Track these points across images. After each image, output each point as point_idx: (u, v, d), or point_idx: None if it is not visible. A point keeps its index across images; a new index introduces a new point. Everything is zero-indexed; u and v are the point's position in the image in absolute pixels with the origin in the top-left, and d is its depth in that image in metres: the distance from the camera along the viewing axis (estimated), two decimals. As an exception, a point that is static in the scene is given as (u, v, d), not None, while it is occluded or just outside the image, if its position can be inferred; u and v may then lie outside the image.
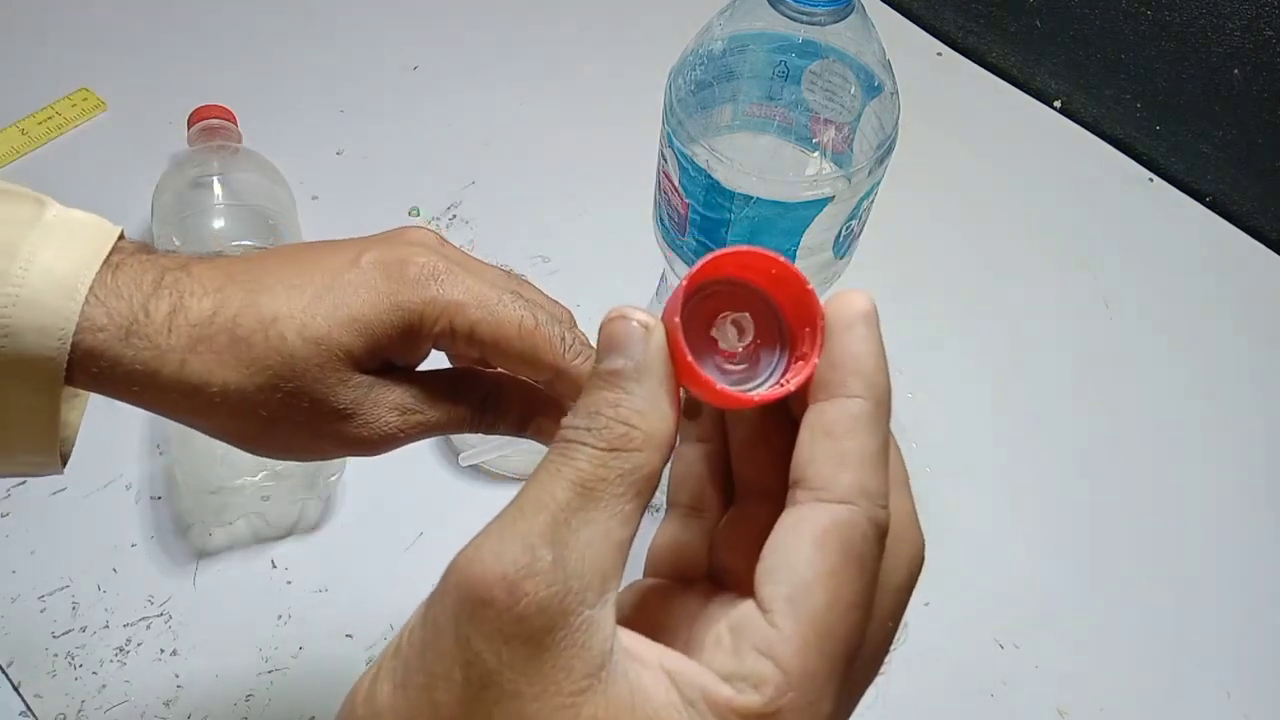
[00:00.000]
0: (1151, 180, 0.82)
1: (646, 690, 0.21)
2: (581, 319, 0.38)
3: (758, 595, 0.22)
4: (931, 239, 0.76)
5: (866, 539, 0.22)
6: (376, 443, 0.34)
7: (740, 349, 0.25)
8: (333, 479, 0.57)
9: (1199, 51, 0.76)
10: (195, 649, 0.53)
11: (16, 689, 0.51)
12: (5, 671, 0.52)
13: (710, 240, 0.44)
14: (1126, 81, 0.81)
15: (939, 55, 0.90)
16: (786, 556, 0.22)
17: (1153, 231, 0.79)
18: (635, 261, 0.59)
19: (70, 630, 0.53)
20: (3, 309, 0.29)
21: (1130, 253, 0.77)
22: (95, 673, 0.52)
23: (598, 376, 0.24)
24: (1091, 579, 0.60)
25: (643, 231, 0.51)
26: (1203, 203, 0.80)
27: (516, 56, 0.85)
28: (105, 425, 0.49)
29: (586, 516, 0.22)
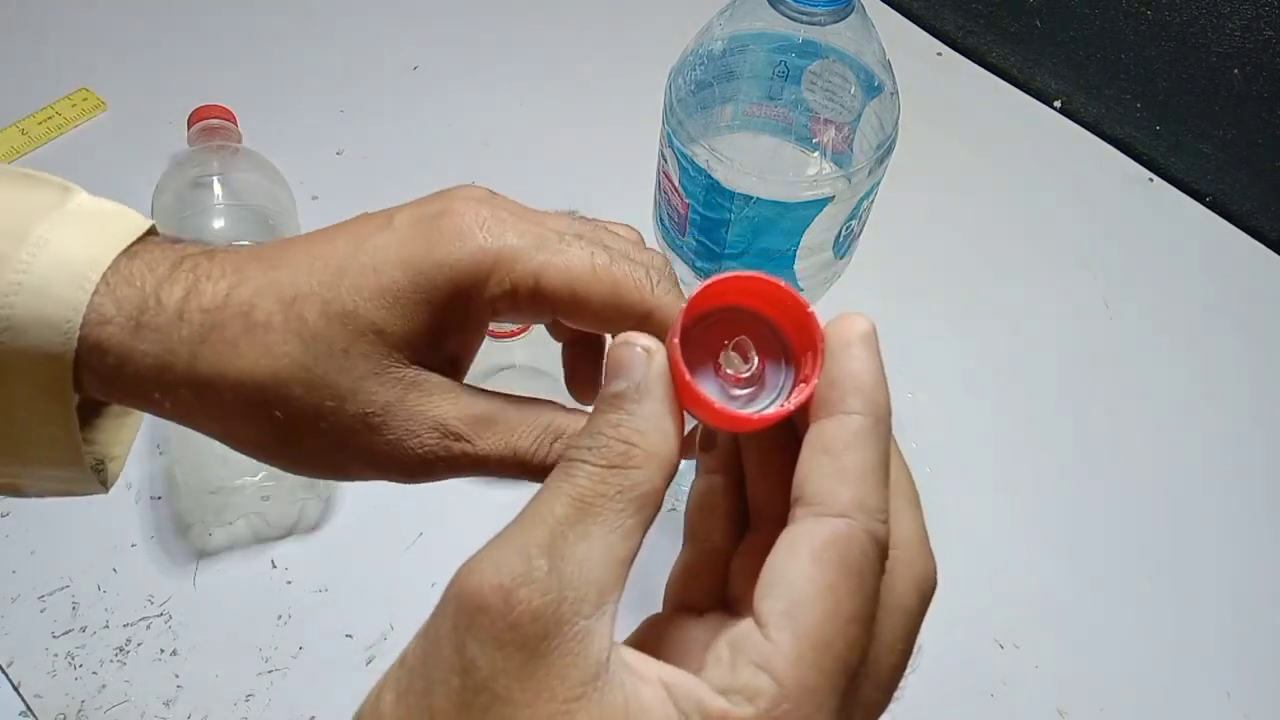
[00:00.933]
0: (1151, 180, 0.82)
1: (642, 701, 0.21)
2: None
3: (755, 611, 0.22)
4: (931, 239, 0.76)
5: (865, 553, 0.22)
6: (410, 465, 0.28)
7: (745, 374, 0.25)
8: (333, 479, 0.57)
9: (1199, 51, 0.76)
10: (195, 649, 0.53)
11: (16, 689, 0.51)
12: (5, 671, 0.52)
13: (710, 240, 0.44)
14: (1126, 81, 0.81)
15: (939, 55, 0.90)
16: (784, 572, 0.22)
17: (1153, 231, 0.79)
18: (635, 261, 0.59)
19: (70, 630, 0.53)
20: (4, 298, 0.25)
21: (1130, 253, 0.77)
22: (95, 673, 0.52)
23: (601, 401, 0.24)
24: (1091, 579, 0.60)
25: (643, 231, 0.51)
26: (1203, 203, 0.80)
27: (516, 56, 0.85)
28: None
29: (584, 530, 0.22)
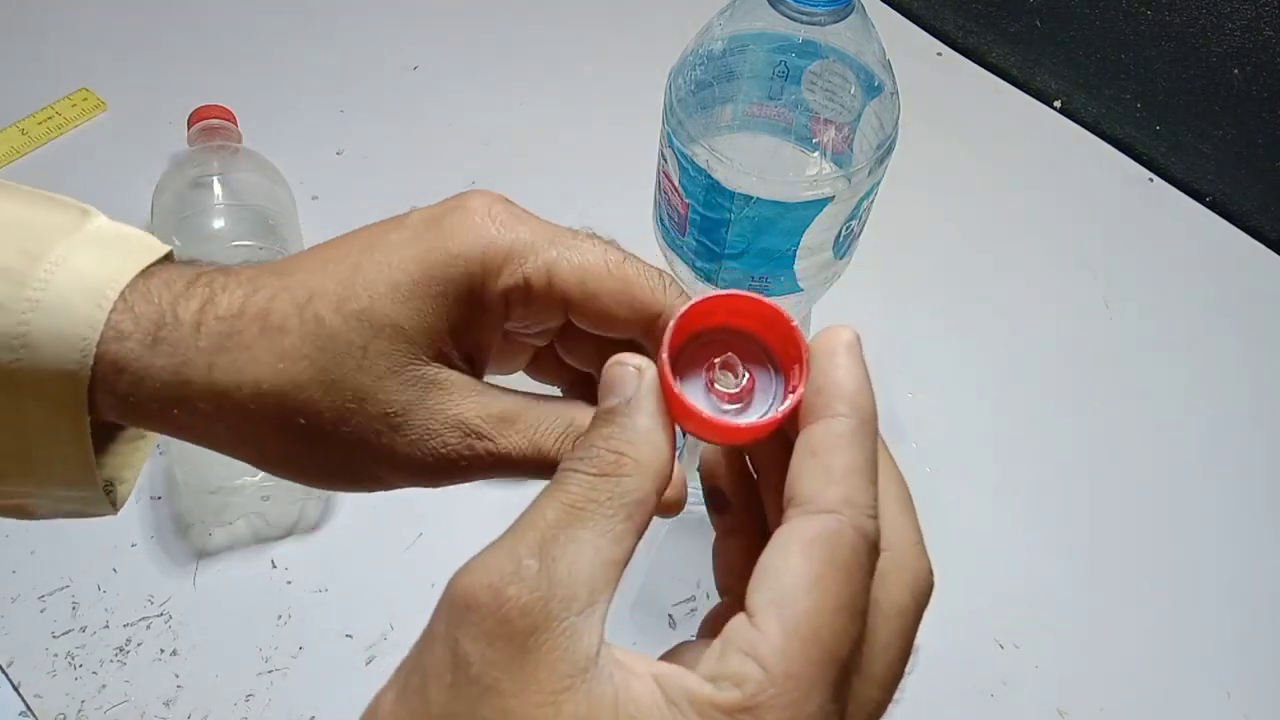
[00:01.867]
0: (1151, 180, 0.82)
1: (632, 691, 0.21)
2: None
3: (746, 604, 0.22)
4: (931, 239, 0.76)
5: (854, 548, 0.23)
6: (433, 467, 0.28)
7: (735, 389, 0.26)
8: (333, 479, 0.57)
9: (1199, 51, 0.76)
10: (195, 649, 0.53)
11: (16, 689, 0.51)
12: (5, 671, 0.52)
13: (710, 240, 0.44)
14: (1126, 81, 0.81)
15: (939, 55, 0.90)
16: (773, 566, 0.23)
17: (1153, 231, 0.79)
18: (635, 261, 0.59)
19: (70, 630, 0.53)
20: (21, 315, 0.25)
21: (1130, 253, 0.77)
22: (95, 673, 0.52)
23: (596, 417, 0.25)
24: (1091, 579, 0.60)
25: (643, 231, 0.51)
26: (1203, 203, 0.80)
27: (516, 56, 0.85)
28: (105, 425, 0.50)
29: (574, 534, 0.23)
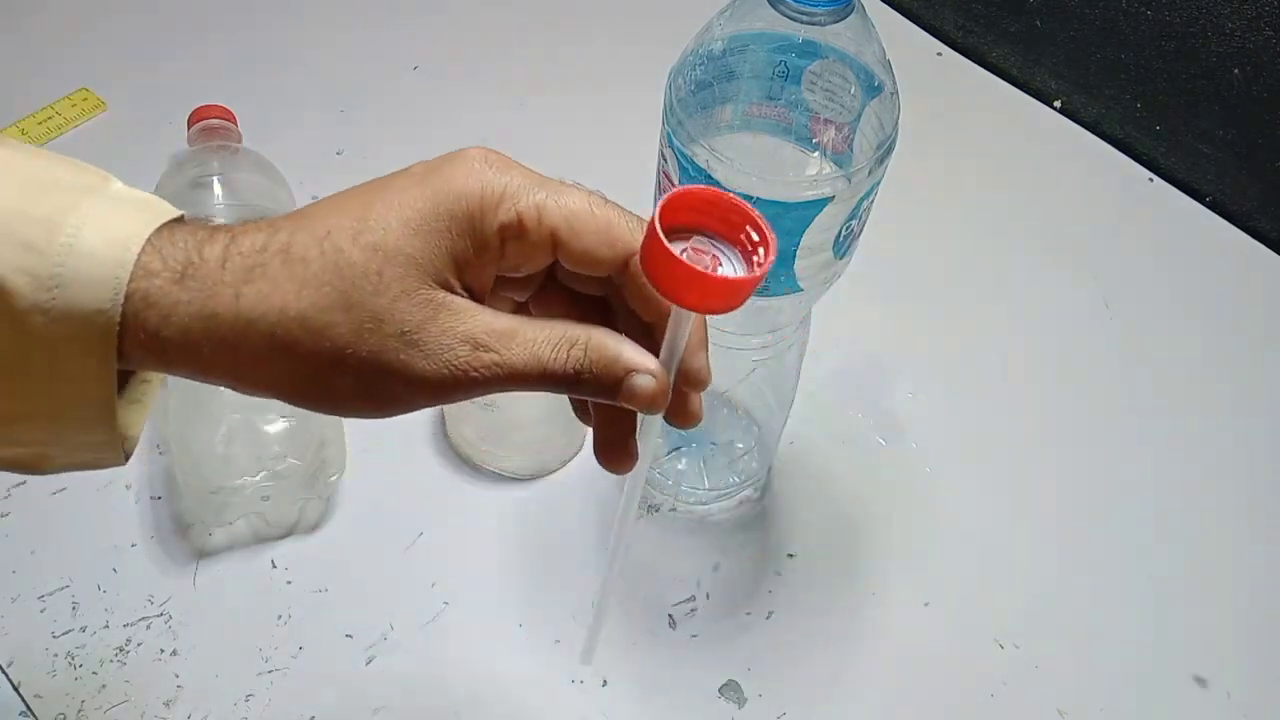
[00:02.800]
0: (1151, 180, 0.82)
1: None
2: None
3: None
4: (931, 239, 0.76)
5: None
6: (447, 381, 0.30)
7: (712, 252, 0.29)
8: (333, 479, 0.57)
9: (1199, 51, 0.76)
10: (195, 649, 0.53)
11: (16, 689, 0.51)
12: (5, 671, 0.52)
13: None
14: (1126, 81, 0.81)
15: (939, 55, 0.90)
16: None
17: (1153, 231, 0.79)
18: (635, 261, 0.59)
19: (70, 630, 0.53)
20: (56, 257, 0.27)
21: (1130, 253, 0.77)
22: (95, 673, 0.52)
23: None
24: (1091, 579, 0.60)
25: (643, 231, 0.51)
26: (1203, 203, 0.80)
27: (516, 56, 0.85)
28: (105, 425, 0.50)
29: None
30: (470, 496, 0.60)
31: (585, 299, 0.34)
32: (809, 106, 0.42)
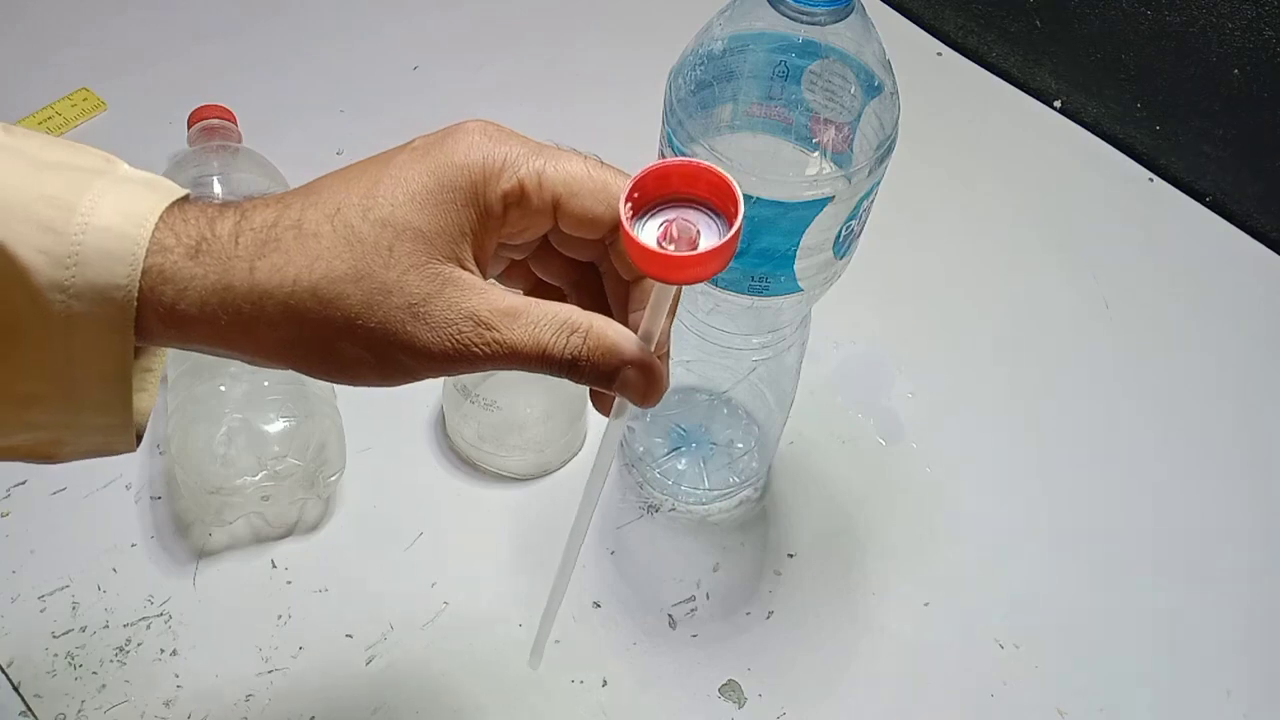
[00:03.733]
0: (1151, 180, 0.82)
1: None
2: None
3: None
4: (931, 239, 0.76)
5: None
6: (451, 354, 0.31)
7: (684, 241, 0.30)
8: (333, 479, 0.57)
9: (1199, 51, 0.76)
10: (195, 649, 0.53)
11: (16, 689, 0.51)
12: (5, 671, 0.52)
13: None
14: (1126, 81, 0.81)
15: (939, 55, 0.90)
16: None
17: (1153, 231, 0.79)
18: (635, 261, 0.59)
19: (70, 630, 0.53)
20: (73, 236, 0.28)
21: (1130, 253, 0.77)
22: (95, 673, 0.52)
23: None
24: (1091, 579, 0.60)
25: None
26: (1203, 203, 0.80)
27: (516, 56, 0.85)
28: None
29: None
30: (470, 496, 0.60)
31: (580, 262, 0.35)
32: (809, 106, 0.42)
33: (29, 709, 0.51)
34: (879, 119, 0.43)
